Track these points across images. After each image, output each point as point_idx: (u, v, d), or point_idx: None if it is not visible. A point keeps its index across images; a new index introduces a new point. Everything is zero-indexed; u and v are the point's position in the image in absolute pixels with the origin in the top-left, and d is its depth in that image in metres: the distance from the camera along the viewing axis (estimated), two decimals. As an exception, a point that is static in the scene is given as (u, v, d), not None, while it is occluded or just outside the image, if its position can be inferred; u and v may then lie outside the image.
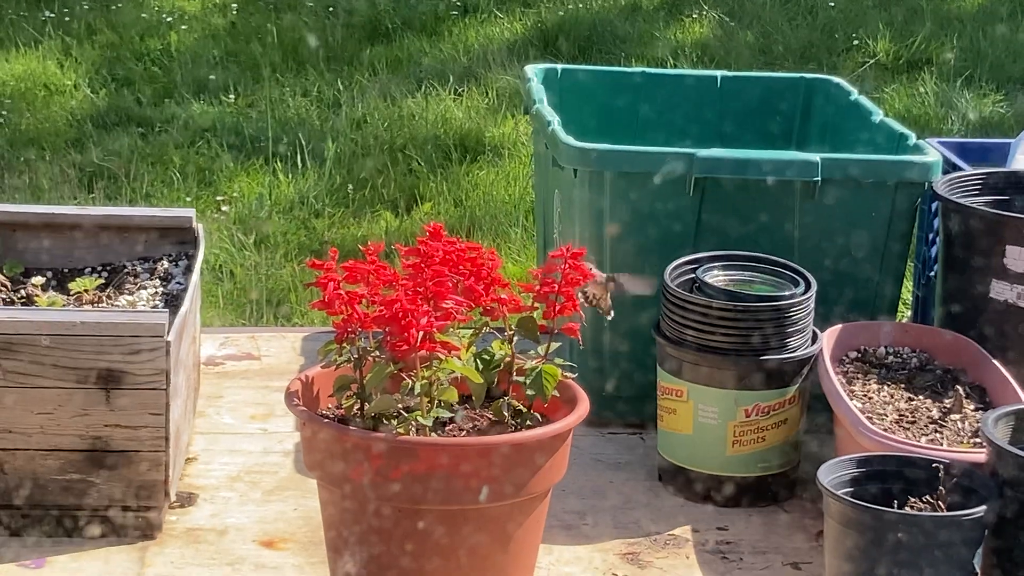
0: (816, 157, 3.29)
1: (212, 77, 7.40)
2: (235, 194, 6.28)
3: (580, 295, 2.79)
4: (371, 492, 2.60)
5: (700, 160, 3.26)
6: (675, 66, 7.28)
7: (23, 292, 3.23)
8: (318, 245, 5.93)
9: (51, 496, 2.88)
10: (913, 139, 3.47)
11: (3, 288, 3.24)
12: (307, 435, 2.71)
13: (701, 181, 3.27)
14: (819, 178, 3.27)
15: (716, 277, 3.17)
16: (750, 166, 3.28)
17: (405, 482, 2.58)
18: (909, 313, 3.85)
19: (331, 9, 8.28)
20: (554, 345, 2.74)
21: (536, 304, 2.76)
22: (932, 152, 3.38)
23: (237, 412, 3.43)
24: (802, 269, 3.19)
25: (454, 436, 2.67)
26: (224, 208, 6.17)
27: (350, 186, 6.33)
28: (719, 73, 3.94)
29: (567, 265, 2.74)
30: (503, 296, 2.73)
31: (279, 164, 6.50)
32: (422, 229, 5.81)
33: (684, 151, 3.28)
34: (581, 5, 8.28)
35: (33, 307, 3.12)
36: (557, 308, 2.73)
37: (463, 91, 7.30)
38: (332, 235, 6.01)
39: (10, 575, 2.80)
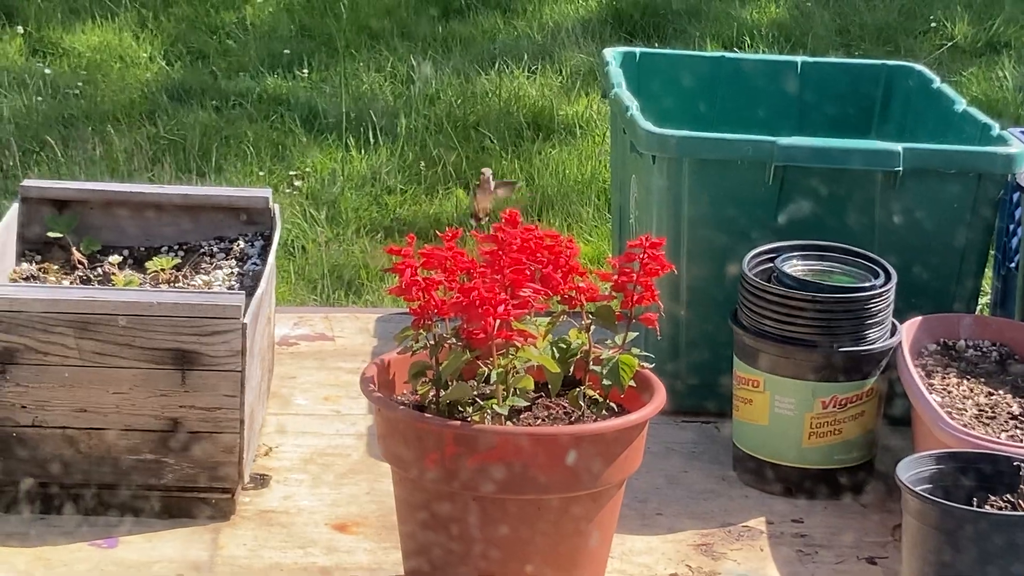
0: (898, 147, 3.25)
1: (286, 51, 7.41)
2: (308, 169, 6.29)
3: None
4: (445, 479, 2.59)
5: (781, 148, 3.22)
6: (750, 46, 7.23)
7: (100, 270, 3.24)
8: (390, 222, 5.93)
9: (126, 476, 2.89)
10: (996, 129, 3.42)
11: (80, 266, 3.25)
12: (382, 421, 2.71)
13: (781, 169, 3.23)
14: (900, 168, 3.23)
15: (795, 267, 3.14)
16: (831, 155, 3.25)
17: (479, 470, 2.57)
18: (989, 304, 3.80)
19: (406, -16, 8.26)
20: (631, 335, 2.72)
21: (614, 293, 2.75)
22: (1016, 143, 3.33)
23: (310, 393, 3.43)
24: (882, 260, 3.15)
25: (529, 425, 2.66)
26: (297, 183, 6.17)
27: (422, 163, 6.32)
28: (799, 59, 3.89)
29: (646, 255, 2.72)
30: (581, 285, 2.72)
31: (352, 140, 6.50)
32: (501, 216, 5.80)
33: (764, 139, 3.25)
34: (657, -17, 8.23)
35: (110, 287, 3.13)
36: (635, 297, 2.72)
37: (536, 69, 7.28)
38: (404, 212, 6.01)
39: (84, 554, 2.81)
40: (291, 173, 6.23)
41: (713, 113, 3.81)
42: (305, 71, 7.20)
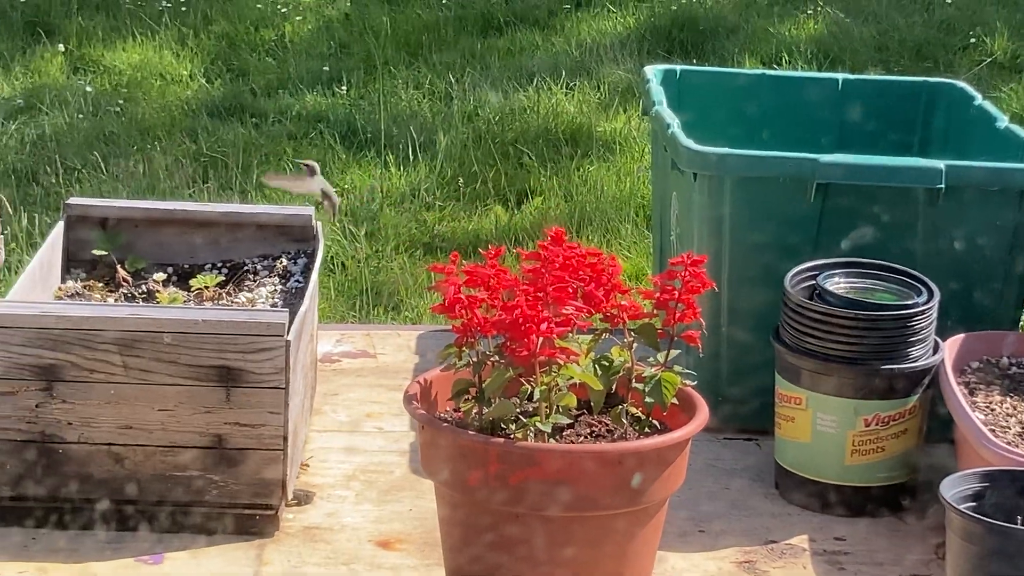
0: (940, 164, 3.25)
1: (325, 68, 7.44)
2: (347, 186, 6.31)
3: None
4: (488, 497, 2.60)
5: (822, 166, 3.23)
6: (789, 63, 7.23)
7: (144, 287, 3.26)
8: (429, 238, 5.95)
9: (170, 492, 2.90)
10: (1038, 146, 3.42)
11: (125, 283, 3.27)
12: (425, 438, 2.72)
13: (823, 187, 3.23)
14: (943, 185, 3.23)
15: (837, 284, 3.14)
16: (872, 172, 3.25)
17: (522, 487, 2.58)
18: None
19: (444, 2, 8.29)
20: (673, 352, 2.73)
21: (656, 311, 2.75)
22: (1059, 160, 3.32)
23: (353, 410, 3.44)
24: (924, 277, 3.15)
25: (572, 442, 2.66)
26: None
27: (461, 179, 6.34)
28: (840, 76, 3.90)
29: (687, 272, 2.73)
30: (623, 303, 2.72)
31: (391, 156, 6.52)
32: (542, 232, 5.80)
33: (806, 156, 3.25)
34: (695, 0, 8.24)
35: (155, 304, 3.15)
36: (677, 315, 2.72)
37: (575, 85, 7.29)
38: (443, 228, 6.03)
39: (129, 570, 2.83)
40: (331, 190, 6.25)
41: (754, 130, 3.82)
42: (344, 88, 7.24)
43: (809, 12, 8.13)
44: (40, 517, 2.91)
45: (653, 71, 3.80)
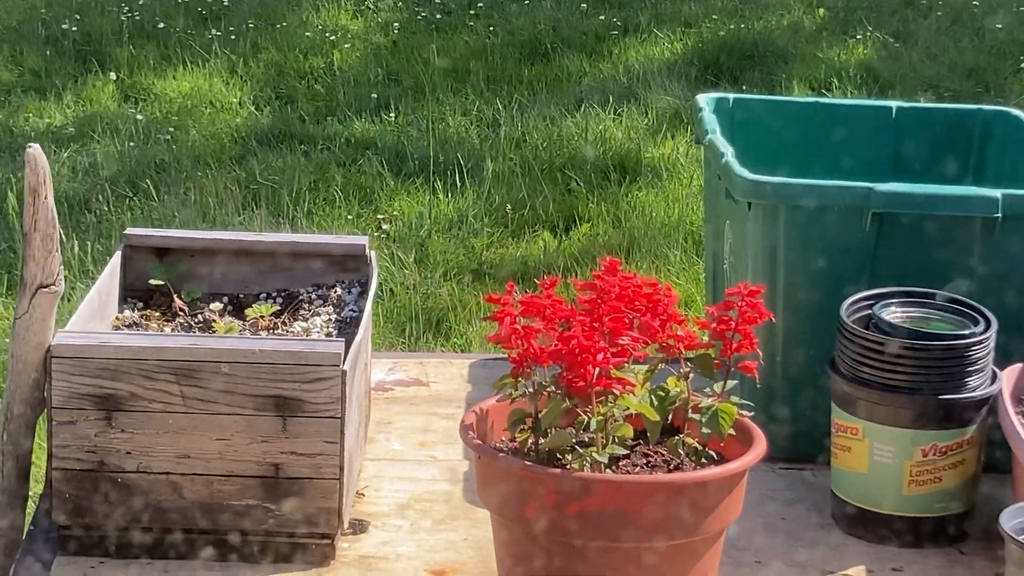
0: (997, 193, 3.23)
1: (373, 95, 7.49)
2: (395, 212, 6.33)
3: None
4: (544, 527, 2.60)
5: (877, 194, 3.22)
6: (838, 88, 7.22)
7: (200, 317, 3.28)
8: (477, 264, 5.96)
9: (227, 521, 2.91)
10: (1094, 174, 3.40)
11: (181, 313, 3.29)
12: (481, 468, 2.72)
13: (878, 216, 3.23)
14: (1000, 214, 3.21)
15: (893, 314, 3.13)
16: (928, 201, 3.24)
17: (579, 518, 2.58)
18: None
19: (491, 29, 8.33)
20: (730, 382, 2.73)
21: (712, 341, 2.75)
22: (1116, 188, 3.30)
23: (407, 439, 3.45)
24: (981, 307, 3.13)
25: (628, 472, 2.66)
26: (384, 226, 6.22)
27: (509, 206, 6.35)
28: (894, 103, 3.89)
29: (744, 303, 2.73)
30: (679, 333, 2.72)
31: (439, 183, 6.54)
32: (591, 259, 5.80)
33: (861, 185, 3.25)
34: (743, 25, 8.25)
35: (212, 334, 3.17)
36: (734, 346, 2.72)
37: (623, 111, 7.31)
38: (491, 255, 6.04)
39: (187, 599, 2.84)
40: (379, 217, 6.28)
41: (807, 158, 3.81)
42: (392, 115, 7.27)
43: (858, 37, 8.13)
44: (98, 547, 2.93)
45: (705, 99, 3.80)
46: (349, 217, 6.21)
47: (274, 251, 3.43)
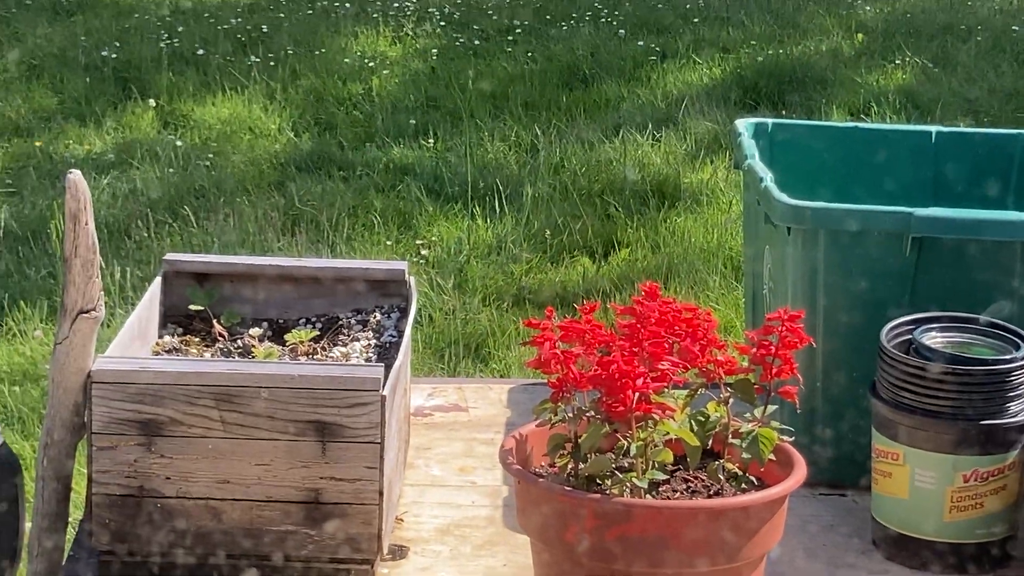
0: (1037, 217, 3.22)
1: (412, 121, 7.50)
2: (434, 238, 6.34)
3: None
4: (584, 553, 2.60)
5: (917, 219, 3.21)
6: (877, 113, 7.20)
7: (240, 342, 3.29)
8: (515, 290, 5.96)
9: (267, 546, 2.92)
10: None
11: (221, 338, 3.30)
12: (520, 493, 2.72)
13: (918, 240, 3.21)
14: (1041, 238, 3.20)
15: (934, 338, 3.11)
16: (968, 226, 3.22)
17: (619, 544, 2.57)
18: None
19: (530, 54, 8.34)
20: (770, 408, 2.72)
21: (752, 366, 2.74)
22: None
23: (446, 464, 3.45)
24: (1022, 331, 3.12)
25: (668, 498, 2.66)
26: (423, 252, 6.23)
27: (547, 231, 6.35)
28: (934, 128, 3.87)
29: (784, 328, 2.72)
30: (719, 358, 2.72)
31: (477, 208, 6.55)
32: (630, 284, 5.79)
33: (901, 210, 3.23)
34: (782, 50, 8.24)
35: (251, 359, 3.18)
36: (774, 371, 2.71)
37: (661, 136, 7.30)
38: (529, 280, 6.04)
39: (226, 624, 2.84)
40: (418, 242, 6.29)
41: (847, 183, 3.80)
42: (431, 141, 7.28)
43: (896, 62, 8.11)
44: (138, 571, 2.93)
45: (744, 124, 3.80)
46: (388, 243, 6.22)
47: (313, 276, 3.44)
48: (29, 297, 5.59)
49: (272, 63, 8.17)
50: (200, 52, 8.31)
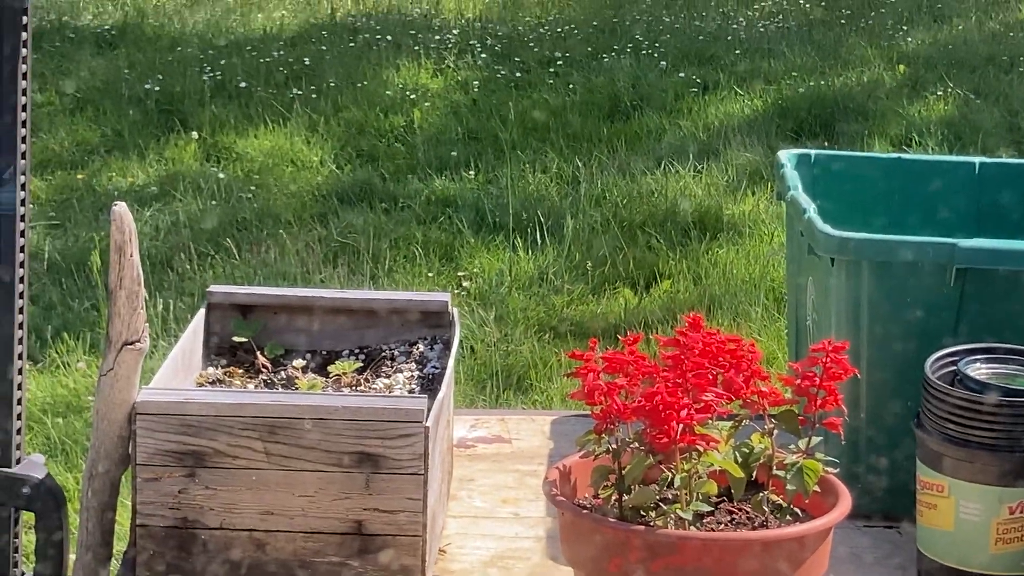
0: (1082, 248, 3.20)
1: (453, 153, 7.51)
2: (476, 270, 6.35)
3: None
4: (629, 584, 2.59)
5: (961, 250, 3.20)
6: (918, 144, 7.18)
7: (283, 374, 3.30)
8: (557, 322, 5.96)
9: (310, 578, 2.92)
10: None
11: (264, 369, 3.31)
12: (565, 525, 2.71)
13: (962, 272, 3.20)
14: (1086, 269, 3.18)
15: (978, 370, 3.10)
16: (1012, 257, 3.21)
17: (664, 575, 2.56)
18: None
19: (571, 86, 8.35)
20: (815, 439, 2.71)
21: (796, 397, 2.74)
22: None
23: (489, 496, 3.45)
24: (1068, 363, 3.10)
25: (713, 530, 2.65)
26: (465, 283, 6.23)
27: (589, 263, 6.35)
28: (977, 159, 3.86)
29: (828, 359, 2.71)
30: (763, 389, 2.71)
31: (519, 240, 6.55)
32: (672, 315, 5.77)
33: (944, 241, 3.22)
34: (823, 82, 8.23)
35: (295, 390, 3.18)
36: (818, 402, 2.71)
37: (702, 168, 7.30)
38: (571, 312, 6.04)
39: (270, 655, 2.84)
40: (459, 274, 6.30)
41: (890, 214, 3.79)
42: (472, 173, 7.30)
43: (938, 93, 8.09)
44: (182, 602, 2.94)
45: (787, 155, 3.80)
46: (430, 274, 6.23)
47: (357, 308, 3.45)
48: (73, 329, 5.62)
49: (314, 95, 8.20)
50: (243, 85, 8.35)
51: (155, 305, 5.62)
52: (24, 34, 2.88)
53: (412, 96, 8.24)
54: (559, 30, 9.57)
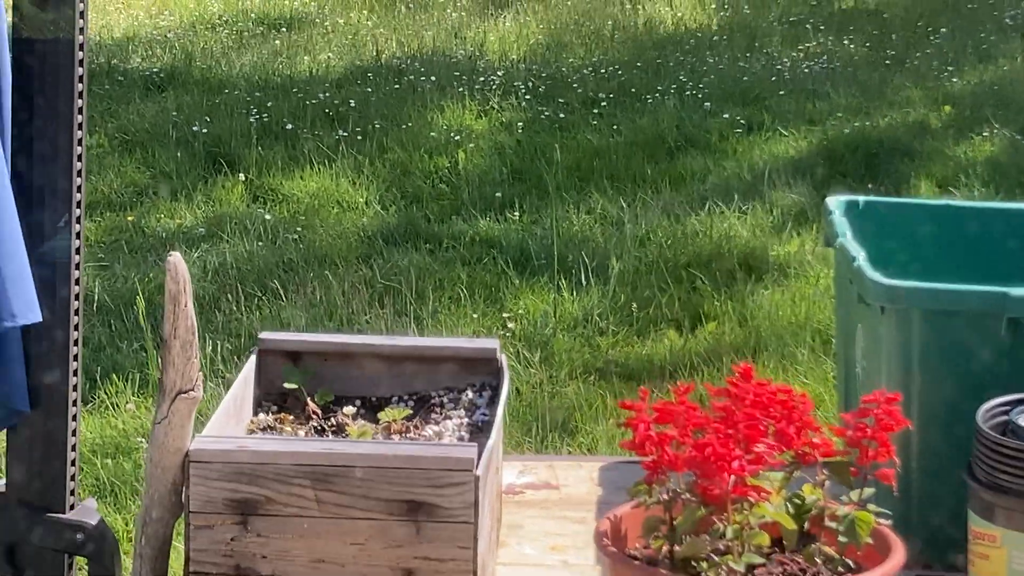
0: None
1: (498, 194, 7.54)
2: (520, 311, 6.36)
3: None
4: (680, 636, 2.58)
5: (1013, 300, 3.18)
6: (965, 185, 7.17)
7: (334, 420, 3.31)
8: (602, 363, 5.97)
9: (360, 626, 2.92)
10: None
11: (315, 416, 3.32)
12: None
13: (1014, 321, 3.19)
14: None
15: (1031, 420, 3.08)
16: (1065, 305, 3.20)
17: (715, 627, 2.56)
18: None
19: (615, 127, 8.37)
20: (867, 490, 2.70)
21: (848, 449, 2.73)
22: None
23: (538, 543, 3.44)
24: (1122, 413, 3.08)
25: (765, 582, 2.64)
26: (509, 325, 6.25)
27: (634, 304, 6.36)
28: (1028, 206, 3.86)
29: (881, 410, 2.71)
30: (815, 440, 2.71)
31: (563, 281, 6.57)
32: (717, 358, 5.77)
33: (996, 290, 3.21)
34: (868, 122, 8.23)
35: (345, 438, 3.19)
36: (870, 453, 2.70)
37: (747, 208, 7.30)
38: (616, 353, 6.04)
39: None
40: (504, 315, 6.31)
41: (940, 261, 3.78)
42: (516, 214, 7.32)
43: (984, 134, 8.08)
44: (233, 650, 2.95)
45: (835, 202, 3.79)
46: (474, 316, 6.24)
47: (405, 355, 3.46)
48: (121, 370, 5.66)
49: (360, 137, 8.25)
50: (289, 127, 8.40)
51: (203, 347, 5.65)
52: (80, 85, 2.90)
53: (456, 137, 8.28)
54: (603, 71, 9.60)
